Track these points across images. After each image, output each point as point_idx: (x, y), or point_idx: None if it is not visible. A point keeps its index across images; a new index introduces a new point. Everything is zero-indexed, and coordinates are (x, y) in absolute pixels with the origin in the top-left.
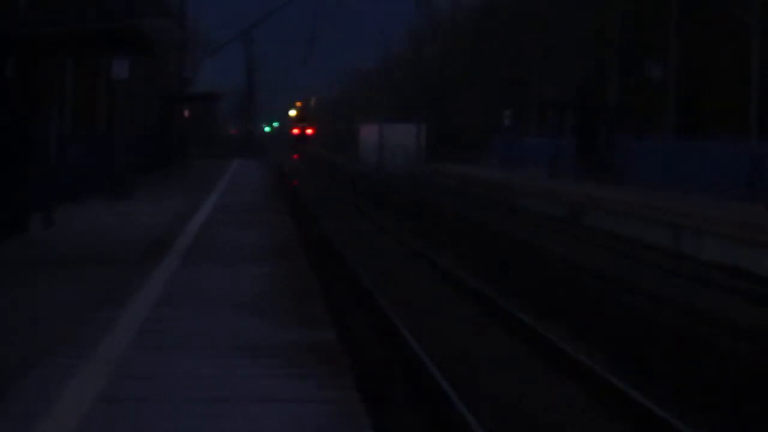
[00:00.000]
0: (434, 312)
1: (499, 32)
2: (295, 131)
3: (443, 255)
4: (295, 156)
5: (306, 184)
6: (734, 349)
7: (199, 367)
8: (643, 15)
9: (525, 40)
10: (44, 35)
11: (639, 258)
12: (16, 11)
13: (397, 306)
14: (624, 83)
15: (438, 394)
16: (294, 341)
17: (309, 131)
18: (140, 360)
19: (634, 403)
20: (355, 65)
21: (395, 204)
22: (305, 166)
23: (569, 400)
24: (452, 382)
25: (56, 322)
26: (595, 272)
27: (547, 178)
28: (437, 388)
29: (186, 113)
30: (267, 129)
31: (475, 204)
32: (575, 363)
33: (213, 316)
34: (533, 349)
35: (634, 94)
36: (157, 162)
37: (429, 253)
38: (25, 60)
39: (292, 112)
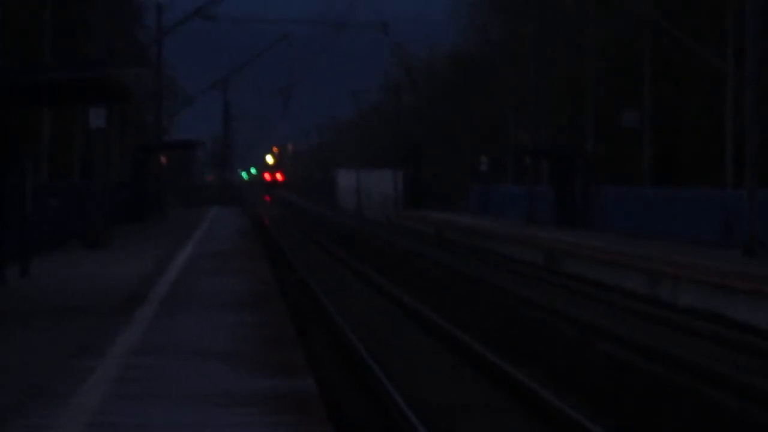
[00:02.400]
0: (414, 360)
1: (475, 80)
2: (267, 177)
3: (423, 302)
4: (267, 198)
5: (284, 231)
6: (713, 397)
7: (176, 416)
8: (619, 64)
9: (501, 88)
10: (20, 85)
11: (616, 304)
12: None
13: (373, 351)
14: (600, 131)
15: None
16: (271, 389)
17: (279, 177)
18: (117, 409)
19: None
20: (333, 113)
21: (372, 249)
22: (282, 213)
23: None
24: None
25: (34, 372)
26: (571, 319)
27: (524, 225)
28: None
29: (163, 161)
30: (244, 176)
31: (453, 251)
32: (559, 411)
33: (190, 365)
34: (507, 395)
35: (610, 142)
36: (134, 211)
37: (406, 300)
38: (1, 110)
39: (269, 159)
